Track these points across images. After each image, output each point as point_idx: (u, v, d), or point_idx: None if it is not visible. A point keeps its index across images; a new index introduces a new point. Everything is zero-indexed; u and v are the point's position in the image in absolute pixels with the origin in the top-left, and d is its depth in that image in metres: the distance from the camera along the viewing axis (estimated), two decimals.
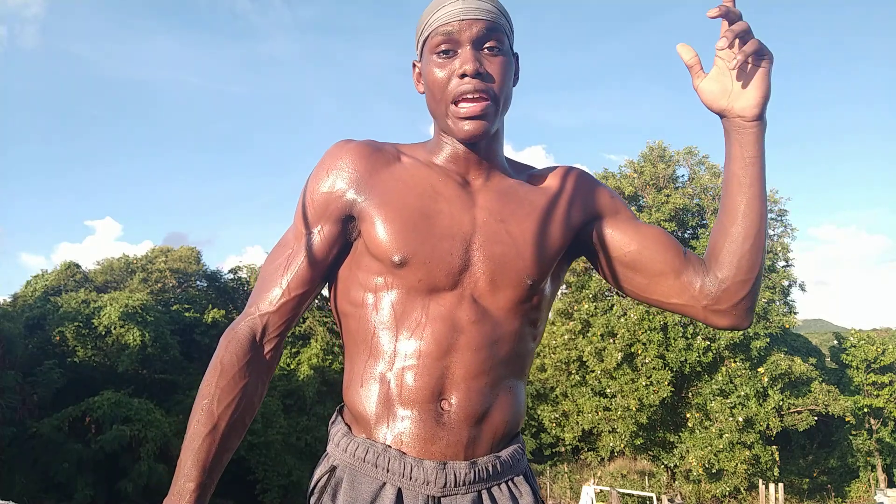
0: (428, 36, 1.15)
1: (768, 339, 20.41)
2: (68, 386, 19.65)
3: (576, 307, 21.56)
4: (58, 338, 21.49)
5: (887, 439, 24.26)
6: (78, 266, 29.17)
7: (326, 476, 1.16)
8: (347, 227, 1.19)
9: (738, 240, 1.16)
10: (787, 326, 21.45)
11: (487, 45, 1.13)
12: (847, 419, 22.66)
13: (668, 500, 20.18)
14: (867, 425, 24.40)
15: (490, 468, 1.13)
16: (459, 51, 1.12)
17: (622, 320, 20.61)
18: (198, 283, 30.65)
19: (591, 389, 21.02)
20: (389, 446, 1.11)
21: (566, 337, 21.58)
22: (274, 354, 1.19)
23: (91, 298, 23.00)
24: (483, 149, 1.20)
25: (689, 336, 20.13)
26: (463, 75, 1.11)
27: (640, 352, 20.21)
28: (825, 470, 24.58)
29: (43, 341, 21.58)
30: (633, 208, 21.87)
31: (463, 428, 1.11)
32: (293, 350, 26.58)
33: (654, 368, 19.89)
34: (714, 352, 20.15)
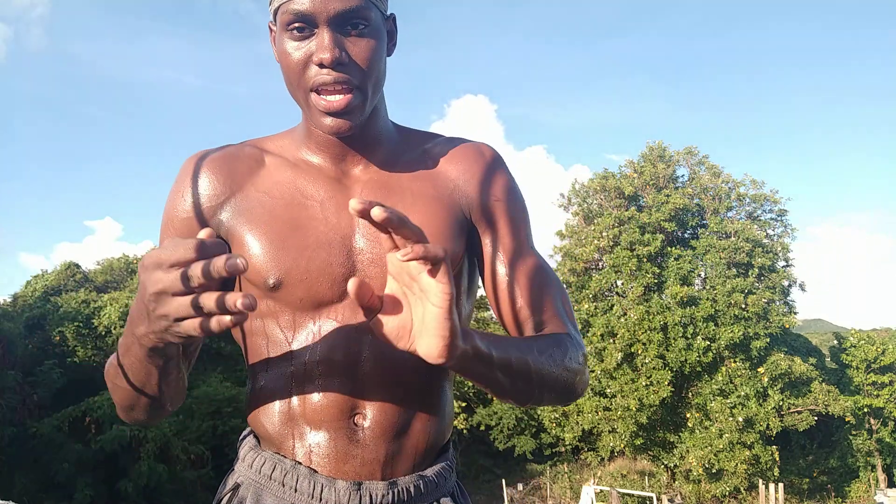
0: (278, 8, 0.97)
1: (768, 339, 20.42)
2: (68, 386, 19.63)
3: (575, 307, 21.56)
4: (58, 338, 21.47)
5: (887, 439, 24.25)
6: (78, 266, 29.15)
7: (229, 495, 1.04)
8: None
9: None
10: (787, 326, 21.46)
11: (350, 25, 0.95)
12: (847, 419, 22.66)
13: (668, 500, 20.18)
14: (867, 425, 24.39)
15: (412, 488, 1.01)
16: (316, 31, 0.95)
17: (622, 320, 20.61)
18: None
19: (591, 389, 21.01)
20: (299, 463, 1.00)
21: None
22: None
23: (91, 298, 22.97)
24: (358, 134, 1.04)
25: (689, 336, 20.14)
26: (321, 64, 0.94)
27: (640, 352, 20.21)
28: (825, 470, 24.57)
29: (43, 341, 21.56)
30: (632, 208, 21.98)
31: (380, 444, 1.00)
32: None
33: (654, 368, 19.90)
34: (714, 352, 20.16)
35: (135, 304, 0.80)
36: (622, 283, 21.78)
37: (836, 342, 26.89)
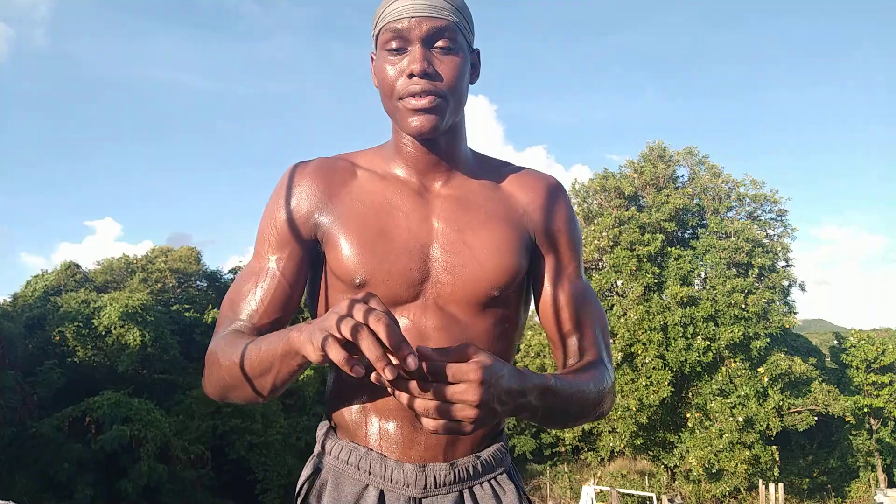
0: (380, 31, 1.13)
1: (768, 339, 20.41)
2: (68, 386, 19.62)
3: None
4: (58, 338, 21.47)
5: (887, 439, 24.25)
6: (78, 266, 29.11)
7: (311, 478, 1.19)
8: (314, 251, 1.19)
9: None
10: (787, 326, 21.45)
11: (439, 44, 1.10)
12: (847, 419, 22.66)
13: (668, 500, 20.17)
14: (867, 425, 24.39)
15: (470, 468, 1.16)
16: (409, 48, 1.10)
17: (622, 320, 20.61)
18: (198, 283, 30.62)
19: None
20: (371, 449, 1.15)
21: None
22: None
23: (91, 298, 22.96)
24: (442, 147, 1.19)
25: (689, 336, 20.14)
26: (411, 75, 1.09)
27: (640, 352, 20.20)
28: (825, 470, 24.57)
29: (43, 341, 21.57)
30: (633, 208, 21.97)
31: None
32: None
33: (654, 368, 19.89)
34: (714, 352, 20.15)
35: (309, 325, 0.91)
36: (622, 283, 21.77)
37: (836, 342, 26.89)
